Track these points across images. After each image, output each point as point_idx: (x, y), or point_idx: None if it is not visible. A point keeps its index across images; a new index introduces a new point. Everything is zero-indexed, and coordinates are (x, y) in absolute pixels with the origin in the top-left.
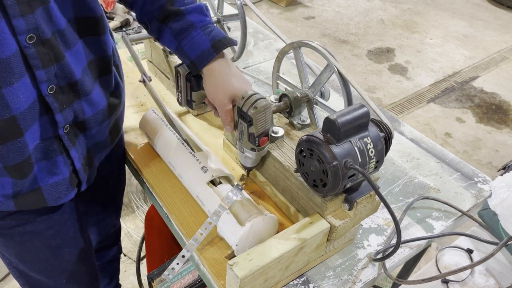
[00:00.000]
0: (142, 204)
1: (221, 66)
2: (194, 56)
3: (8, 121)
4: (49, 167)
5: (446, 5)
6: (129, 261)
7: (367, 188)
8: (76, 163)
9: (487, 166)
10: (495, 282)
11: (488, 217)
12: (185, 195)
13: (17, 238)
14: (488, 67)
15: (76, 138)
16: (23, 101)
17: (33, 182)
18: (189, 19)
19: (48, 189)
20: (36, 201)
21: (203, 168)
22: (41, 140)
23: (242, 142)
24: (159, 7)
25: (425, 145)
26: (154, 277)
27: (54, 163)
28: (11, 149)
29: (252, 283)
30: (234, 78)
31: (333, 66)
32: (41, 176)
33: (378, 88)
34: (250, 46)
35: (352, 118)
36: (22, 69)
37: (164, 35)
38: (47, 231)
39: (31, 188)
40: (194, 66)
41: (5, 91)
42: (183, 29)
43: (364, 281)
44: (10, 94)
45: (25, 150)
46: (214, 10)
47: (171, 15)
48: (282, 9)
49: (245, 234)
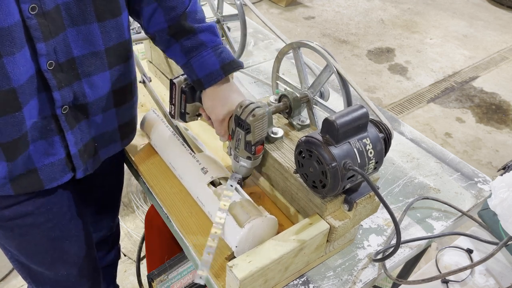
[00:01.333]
0: (142, 204)
1: (224, 84)
2: (202, 75)
3: (7, 92)
4: (45, 148)
5: (446, 5)
6: (129, 261)
7: (366, 189)
8: (71, 148)
9: (487, 166)
10: (495, 282)
11: (488, 217)
12: (185, 196)
13: (17, 231)
14: (488, 67)
15: (76, 121)
16: (23, 73)
17: (28, 162)
18: (200, 38)
19: (43, 170)
20: (33, 183)
21: (203, 170)
22: (38, 118)
23: (238, 151)
24: (171, 19)
25: (425, 145)
26: (154, 277)
27: (51, 143)
28: (8, 123)
29: (252, 285)
30: (233, 94)
31: (332, 67)
32: (37, 157)
33: (378, 88)
34: (250, 46)
35: (351, 119)
36: (23, 40)
37: (173, 49)
38: (47, 223)
39: (27, 168)
40: (200, 84)
41: (6, 61)
42: (194, 47)
43: (364, 281)
44: (11, 64)
45: (22, 126)
46: (214, 10)
47: (183, 32)
48: (282, 9)
49: (245, 235)
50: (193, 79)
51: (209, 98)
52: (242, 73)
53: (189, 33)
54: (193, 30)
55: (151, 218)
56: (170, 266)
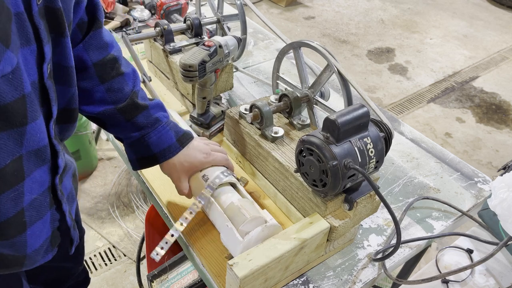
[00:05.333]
0: (142, 204)
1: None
2: (158, 150)
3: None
4: (40, 228)
5: (446, 5)
6: (129, 261)
7: (367, 188)
8: (68, 219)
9: (487, 166)
10: (495, 282)
11: (488, 217)
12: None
13: None
14: (488, 67)
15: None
16: (37, 140)
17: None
18: (154, 114)
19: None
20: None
21: (204, 177)
22: (38, 194)
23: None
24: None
25: (425, 145)
26: (154, 277)
27: (45, 222)
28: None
29: (252, 283)
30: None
31: (333, 66)
32: (31, 242)
33: (378, 88)
34: (250, 46)
35: (352, 118)
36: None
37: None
38: None
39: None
40: (154, 159)
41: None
42: (150, 124)
43: (364, 281)
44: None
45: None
46: (214, 10)
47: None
48: (282, 9)
49: (246, 246)
50: (142, 155)
51: (166, 167)
52: (242, 73)
53: (142, 109)
54: (145, 107)
55: (151, 218)
56: (170, 266)
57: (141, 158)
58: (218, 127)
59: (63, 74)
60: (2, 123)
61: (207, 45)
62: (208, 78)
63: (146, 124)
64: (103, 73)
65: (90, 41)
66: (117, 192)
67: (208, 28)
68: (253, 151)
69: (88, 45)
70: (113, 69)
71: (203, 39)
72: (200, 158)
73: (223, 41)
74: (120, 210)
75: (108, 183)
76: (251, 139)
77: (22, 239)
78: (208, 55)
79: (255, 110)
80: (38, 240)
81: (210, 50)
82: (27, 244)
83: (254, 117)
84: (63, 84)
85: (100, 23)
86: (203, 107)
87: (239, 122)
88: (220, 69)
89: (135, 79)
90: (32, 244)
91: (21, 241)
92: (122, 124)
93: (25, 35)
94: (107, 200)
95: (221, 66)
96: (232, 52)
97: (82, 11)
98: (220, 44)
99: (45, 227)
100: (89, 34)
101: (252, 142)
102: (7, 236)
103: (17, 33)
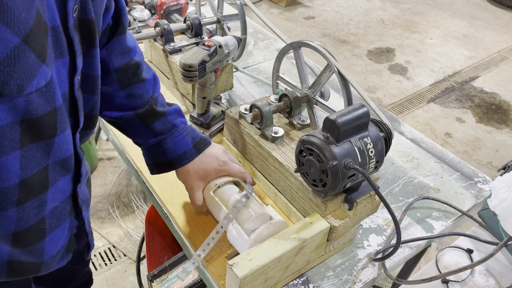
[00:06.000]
0: (142, 204)
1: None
2: (173, 156)
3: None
4: (58, 236)
5: (446, 5)
6: (129, 261)
7: (367, 188)
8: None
9: (487, 166)
10: (495, 282)
11: (488, 217)
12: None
13: None
14: (488, 67)
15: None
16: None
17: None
18: (171, 120)
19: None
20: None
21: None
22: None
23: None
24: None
25: (425, 145)
26: (154, 277)
27: (63, 229)
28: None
29: (252, 283)
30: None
31: (333, 66)
32: (48, 249)
33: (378, 88)
34: (250, 46)
35: (352, 118)
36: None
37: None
38: None
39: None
40: (170, 165)
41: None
42: (167, 130)
43: (364, 281)
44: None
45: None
46: (214, 10)
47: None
48: (282, 9)
49: (253, 244)
50: (159, 160)
51: (181, 173)
52: (242, 73)
53: (160, 116)
54: (163, 113)
55: (151, 218)
56: (170, 266)
57: (158, 163)
58: (218, 127)
59: (90, 83)
60: (33, 136)
61: (207, 45)
62: (208, 78)
63: (163, 130)
64: (124, 78)
65: (113, 46)
66: (117, 192)
67: (208, 28)
68: (253, 151)
69: (111, 50)
70: (135, 75)
71: (203, 39)
72: (215, 166)
73: (223, 41)
74: (120, 210)
75: (108, 183)
76: (251, 139)
77: (41, 246)
78: (208, 55)
79: (255, 110)
80: (56, 247)
81: (210, 50)
82: (45, 251)
83: (254, 117)
84: (88, 92)
85: (124, 29)
86: (203, 107)
87: (239, 122)
88: (220, 69)
89: (155, 85)
90: (49, 251)
91: (39, 249)
92: (139, 130)
93: (60, 48)
94: (107, 200)
95: (221, 66)
96: (232, 52)
97: (110, 17)
98: (220, 44)
99: (63, 234)
100: (113, 39)
101: (252, 142)
102: (27, 244)
103: (52, 47)
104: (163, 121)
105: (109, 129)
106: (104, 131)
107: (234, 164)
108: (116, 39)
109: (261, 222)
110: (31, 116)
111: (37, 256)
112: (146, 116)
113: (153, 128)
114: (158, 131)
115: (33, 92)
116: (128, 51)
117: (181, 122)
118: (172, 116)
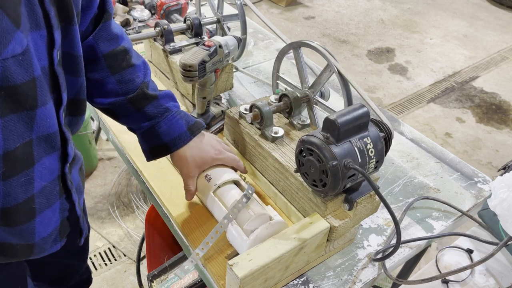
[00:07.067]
0: (142, 204)
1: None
2: (168, 139)
3: (25, 145)
4: (49, 217)
5: (446, 5)
6: (129, 261)
7: (367, 188)
8: (77, 209)
9: (487, 166)
10: (495, 282)
11: (488, 217)
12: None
13: None
14: (488, 67)
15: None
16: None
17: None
18: (164, 103)
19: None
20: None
21: (206, 177)
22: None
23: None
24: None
25: (425, 145)
26: (154, 277)
27: (54, 211)
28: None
29: (252, 283)
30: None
31: (333, 66)
32: (40, 230)
33: (378, 88)
34: (250, 46)
35: (352, 118)
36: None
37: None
38: None
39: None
40: (166, 148)
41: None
42: (160, 113)
43: (364, 281)
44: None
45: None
46: (214, 10)
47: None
48: (282, 9)
49: (251, 244)
50: (154, 145)
51: (177, 159)
52: (242, 73)
53: (152, 99)
54: (155, 97)
55: (151, 218)
56: (170, 266)
57: (153, 147)
58: (218, 127)
59: (72, 63)
60: (12, 105)
61: (207, 45)
62: (208, 78)
63: (156, 113)
64: (114, 64)
65: (100, 32)
66: (117, 192)
67: (208, 28)
68: (253, 151)
69: (98, 37)
70: (124, 60)
71: (203, 39)
72: (212, 154)
73: (223, 41)
74: (120, 210)
75: (108, 183)
76: (251, 139)
77: (31, 226)
78: (208, 55)
79: (255, 110)
80: (47, 228)
81: (210, 50)
82: (36, 231)
83: (254, 117)
84: (71, 73)
85: (109, 15)
86: (203, 107)
87: (239, 122)
88: (220, 69)
89: (145, 71)
90: (40, 232)
91: (29, 229)
92: (132, 114)
93: (35, 19)
94: (107, 200)
95: (221, 66)
96: (232, 52)
97: (96, 7)
98: (220, 44)
99: (54, 215)
100: (99, 25)
101: (252, 142)
102: (16, 222)
103: (27, 16)
104: (155, 104)
105: (109, 129)
106: (104, 131)
107: (229, 153)
108: (102, 26)
109: (261, 223)
110: (9, 83)
111: (28, 237)
112: (138, 100)
113: (146, 111)
114: (151, 115)
115: (9, 58)
116: (115, 37)
117: (173, 105)
118: (164, 100)
